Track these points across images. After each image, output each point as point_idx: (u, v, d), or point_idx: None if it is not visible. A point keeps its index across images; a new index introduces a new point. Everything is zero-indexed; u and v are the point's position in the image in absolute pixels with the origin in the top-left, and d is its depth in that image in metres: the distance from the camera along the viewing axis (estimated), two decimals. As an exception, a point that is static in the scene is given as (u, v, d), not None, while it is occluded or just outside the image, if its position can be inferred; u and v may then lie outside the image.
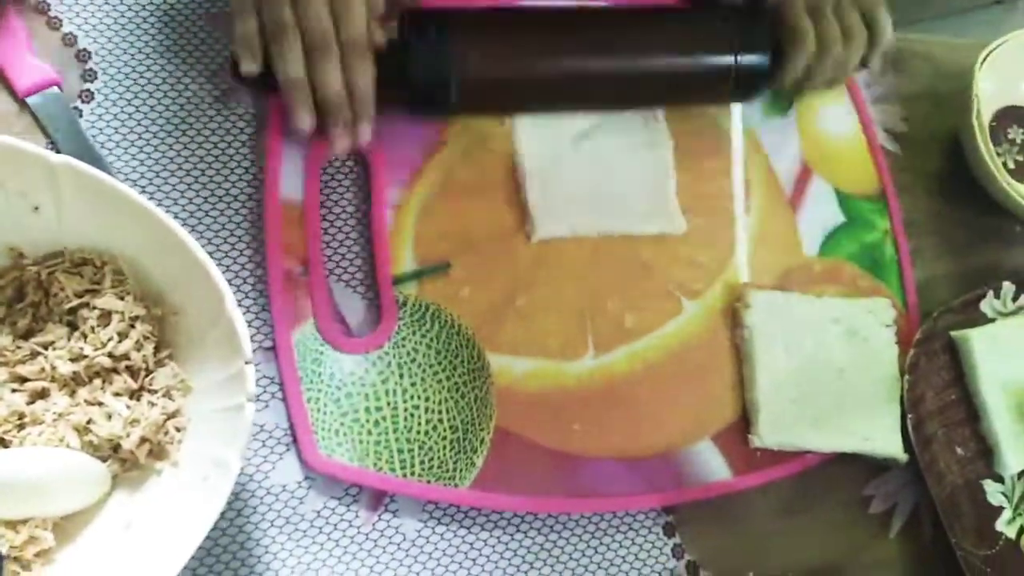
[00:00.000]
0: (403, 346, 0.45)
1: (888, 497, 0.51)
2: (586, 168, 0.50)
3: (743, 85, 0.51)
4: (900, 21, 0.54)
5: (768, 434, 0.47)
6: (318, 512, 0.42)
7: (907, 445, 0.49)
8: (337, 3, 0.43)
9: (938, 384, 0.51)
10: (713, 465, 0.47)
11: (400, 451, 0.43)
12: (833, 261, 0.54)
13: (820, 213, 0.54)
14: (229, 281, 0.44)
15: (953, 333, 0.52)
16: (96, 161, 0.44)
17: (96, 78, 0.46)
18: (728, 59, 0.49)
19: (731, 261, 0.51)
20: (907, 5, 0.59)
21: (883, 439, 0.49)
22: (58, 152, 0.43)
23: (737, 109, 0.54)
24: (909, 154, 0.59)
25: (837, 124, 0.57)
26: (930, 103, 0.60)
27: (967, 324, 0.53)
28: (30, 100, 0.44)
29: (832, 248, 0.54)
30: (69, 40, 0.46)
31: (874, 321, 0.51)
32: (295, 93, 0.43)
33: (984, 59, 0.56)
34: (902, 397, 0.50)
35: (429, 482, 0.43)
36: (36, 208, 0.39)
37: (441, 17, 0.46)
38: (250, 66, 0.43)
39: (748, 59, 0.49)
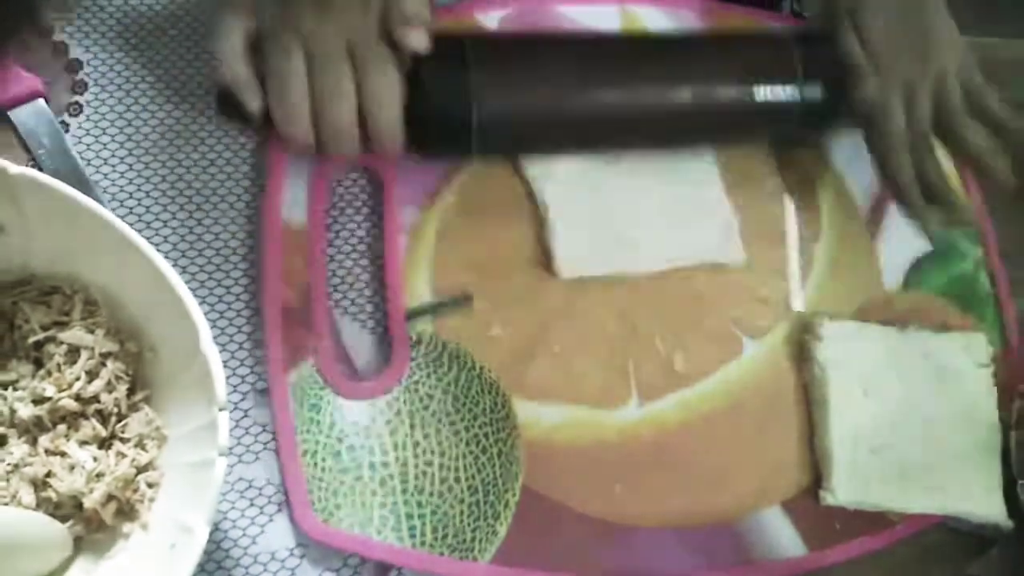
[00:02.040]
0: (416, 391, 0.39)
1: (997, 579, 0.42)
2: (619, 197, 0.43)
3: (809, 118, 0.43)
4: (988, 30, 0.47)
5: (843, 490, 0.40)
6: (312, 587, 0.36)
7: (1012, 510, 0.42)
8: (366, 74, 0.37)
9: (1054, 444, 0.44)
10: (784, 538, 0.40)
11: (409, 516, 0.37)
12: (919, 295, 0.47)
13: (902, 240, 0.47)
14: (221, 314, 0.39)
15: (1069, 383, 0.45)
16: (79, 179, 0.40)
17: (86, 90, 0.42)
18: (790, 90, 0.42)
19: (799, 295, 0.45)
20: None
21: (981, 500, 0.42)
22: (40, 170, 0.39)
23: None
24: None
25: (917, 139, 0.50)
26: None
27: (1084, 371, 0.45)
28: (12, 113, 0.40)
29: (917, 280, 0.47)
30: (60, 50, 0.42)
31: (968, 359, 0.44)
32: (293, 123, 0.37)
33: (1091, 62, 0.49)
34: (1005, 451, 0.43)
35: (443, 554, 0.37)
36: (1, 229, 0.34)
37: (459, 44, 0.39)
38: (253, 102, 0.37)
39: (813, 88, 0.42)
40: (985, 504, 0.42)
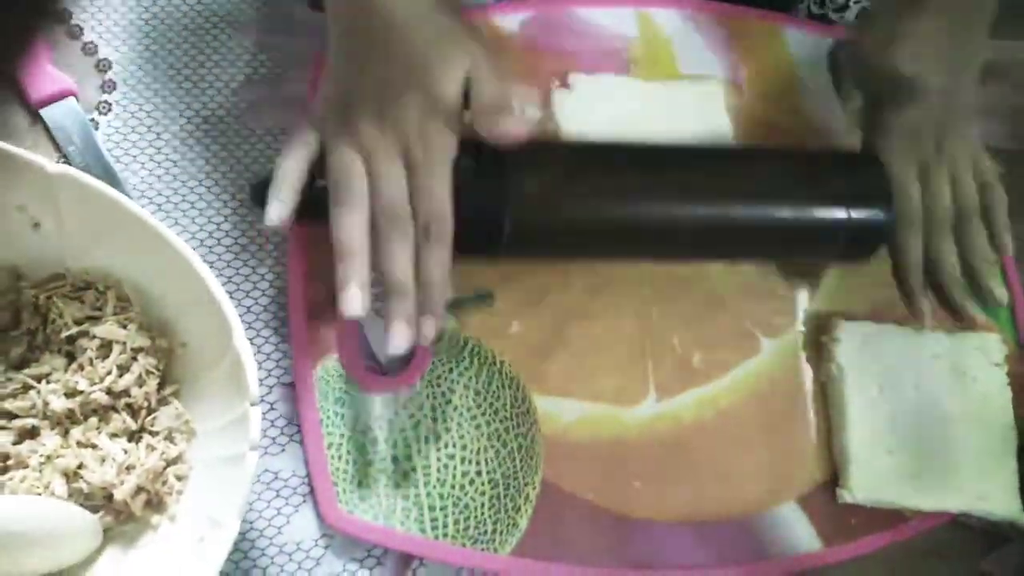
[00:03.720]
0: (437, 385, 0.39)
1: (1011, 574, 0.42)
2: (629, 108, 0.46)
3: (856, 243, 0.41)
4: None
5: (860, 489, 0.41)
6: (336, 577, 0.37)
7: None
8: (418, 172, 0.35)
9: (1066, 441, 0.44)
10: (800, 533, 0.40)
11: (431, 508, 0.37)
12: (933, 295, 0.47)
13: (917, 240, 0.47)
14: (247, 309, 0.40)
15: (1081, 382, 0.45)
16: (109, 176, 0.40)
17: (115, 88, 0.43)
18: (839, 213, 0.40)
19: (816, 294, 0.45)
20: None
21: (999, 498, 0.42)
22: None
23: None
24: (1016, 174, 0.52)
25: (933, 140, 0.50)
26: (1040, 117, 0.53)
27: (1096, 370, 0.45)
28: (44, 112, 0.41)
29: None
30: (90, 49, 0.43)
31: (983, 359, 0.45)
32: (349, 264, 0.34)
33: (1108, 65, 0.49)
34: (1020, 449, 0.43)
35: (464, 546, 0.37)
36: (36, 225, 0.35)
37: (500, 152, 0.37)
38: (278, 214, 0.35)
39: (863, 213, 0.40)
40: (1001, 501, 0.42)
